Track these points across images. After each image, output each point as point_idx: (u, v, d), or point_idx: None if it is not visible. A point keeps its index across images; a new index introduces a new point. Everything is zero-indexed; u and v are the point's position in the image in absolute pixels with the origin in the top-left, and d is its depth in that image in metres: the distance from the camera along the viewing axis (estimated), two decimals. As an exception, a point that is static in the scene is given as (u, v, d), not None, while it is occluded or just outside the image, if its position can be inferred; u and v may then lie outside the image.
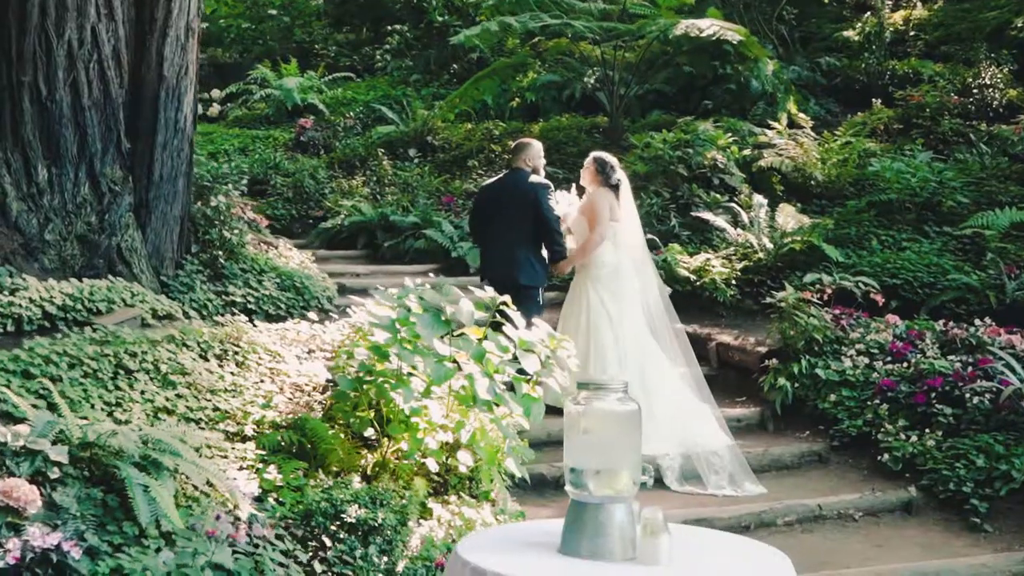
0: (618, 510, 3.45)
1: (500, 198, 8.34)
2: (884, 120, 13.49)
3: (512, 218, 8.16)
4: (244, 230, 8.80)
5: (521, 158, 8.34)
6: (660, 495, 7.10)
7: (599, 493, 3.45)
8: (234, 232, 8.67)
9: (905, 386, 7.74)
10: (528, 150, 8.40)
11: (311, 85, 17.73)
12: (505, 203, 8.25)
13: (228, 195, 8.92)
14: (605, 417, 3.49)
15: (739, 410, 8.44)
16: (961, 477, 6.94)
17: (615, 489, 3.46)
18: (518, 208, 8.12)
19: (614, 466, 3.48)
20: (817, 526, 6.79)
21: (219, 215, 8.66)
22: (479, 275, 8.67)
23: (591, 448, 3.49)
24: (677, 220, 10.97)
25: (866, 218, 10.74)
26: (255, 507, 5.17)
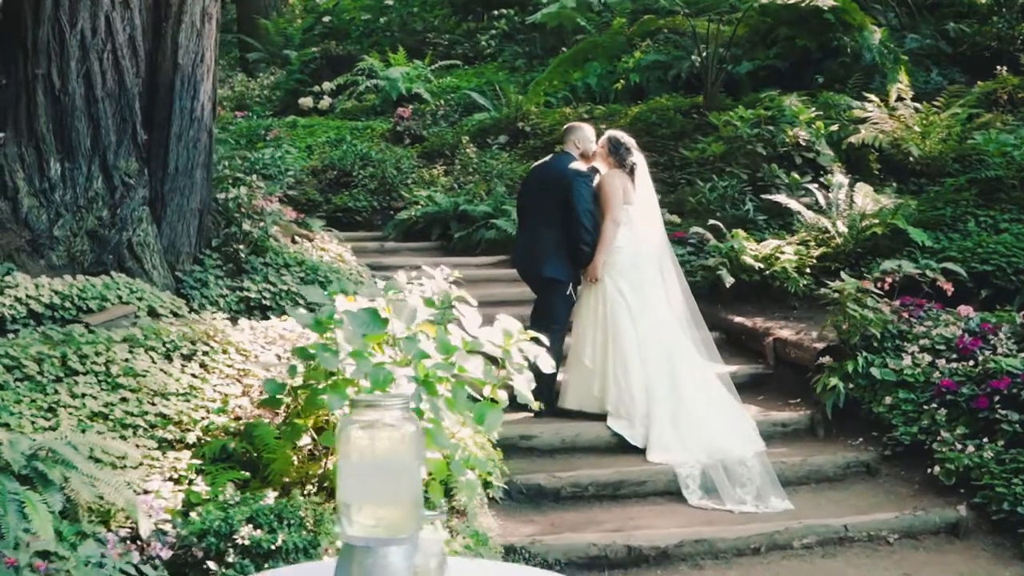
0: (393, 554, 2.84)
1: (538, 182, 7.78)
2: (1008, 89, 12.18)
3: (545, 205, 7.59)
4: (268, 222, 8.43)
5: (570, 141, 7.76)
6: (671, 509, 6.46)
7: (368, 533, 2.85)
8: (257, 225, 8.33)
9: (968, 388, 6.78)
10: (577, 133, 7.82)
11: (418, 74, 17.40)
12: (541, 188, 7.69)
13: (251, 186, 8.57)
14: (379, 440, 2.88)
15: (787, 413, 7.61)
16: (1018, 495, 5.99)
17: (389, 528, 2.85)
18: (552, 195, 7.54)
19: (389, 500, 2.86)
20: (842, 550, 5.96)
21: (239, 207, 8.33)
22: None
23: (362, 478, 2.89)
24: (753, 204, 10.09)
25: (965, 197, 9.62)
26: (171, 523, 4.79)
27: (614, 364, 7.25)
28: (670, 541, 5.80)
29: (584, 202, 7.35)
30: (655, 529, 6.00)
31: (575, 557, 5.71)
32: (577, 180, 7.37)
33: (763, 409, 7.73)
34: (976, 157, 10.26)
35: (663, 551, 5.77)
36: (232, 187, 8.52)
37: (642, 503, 6.54)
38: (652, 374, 7.22)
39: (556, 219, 7.42)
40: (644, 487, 6.62)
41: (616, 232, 7.36)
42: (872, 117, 10.72)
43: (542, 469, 6.79)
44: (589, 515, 6.31)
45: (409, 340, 5.17)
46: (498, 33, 18.68)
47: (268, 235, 8.45)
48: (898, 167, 10.72)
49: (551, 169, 7.65)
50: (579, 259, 7.42)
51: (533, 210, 7.65)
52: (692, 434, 6.95)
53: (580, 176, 7.40)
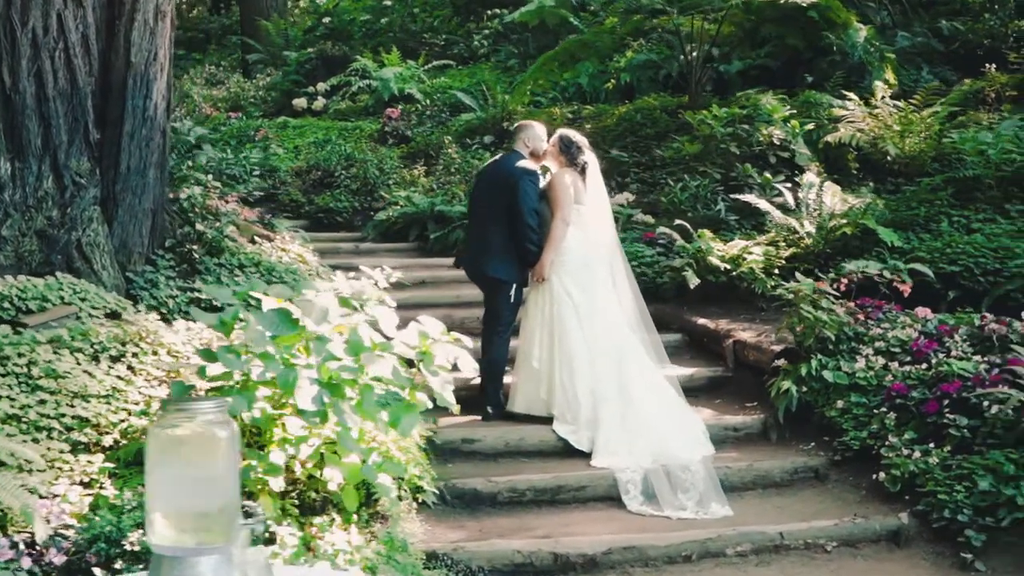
0: (203, 564, 2.72)
1: (487, 181, 7.67)
2: (995, 87, 11.96)
3: (492, 204, 7.48)
4: (224, 223, 8.33)
5: (520, 139, 7.63)
6: (610, 515, 6.33)
7: (176, 542, 2.73)
8: (212, 226, 8.23)
9: (919, 392, 6.61)
10: (526, 131, 7.69)
11: (411, 75, 17.32)
12: (489, 187, 7.57)
13: (206, 186, 8.48)
14: (187, 446, 2.76)
15: (740, 417, 7.45)
16: (959, 502, 5.81)
17: (201, 537, 2.73)
18: (499, 194, 7.42)
19: (198, 508, 2.74)
20: (777, 558, 5.79)
21: (193, 207, 8.24)
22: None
23: (169, 485, 2.77)
24: (725, 204, 9.92)
25: (941, 196, 9.42)
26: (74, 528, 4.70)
27: (560, 366, 7.12)
28: (598, 549, 5.66)
29: (530, 201, 7.22)
30: (587, 536, 5.85)
31: (500, 564, 5.58)
32: (523, 179, 7.24)
33: (718, 413, 7.57)
34: (956, 156, 10.05)
35: (591, 559, 5.63)
36: (187, 187, 8.42)
37: (581, 509, 6.40)
38: (600, 377, 7.08)
39: (503, 218, 7.30)
40: (584, 492, 6.47)
41: (565, 231, 7.23)
42: (849, 116, 10.52)
43: (484, 473, 6.65)
44: (524, 521, 6.17)
45: (319, 341, 5.05)
46: (491, 33, 18.56)
47: (224, 235, 8.35)
48: (877, 166, 10.54)
49: (499, 168, 7.54)
50: (526, 259, 7.28)
51: (481, 209, 7.54)
52: (640, 438, 6.81)
53: (527, 175, 7.27)
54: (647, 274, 9.32)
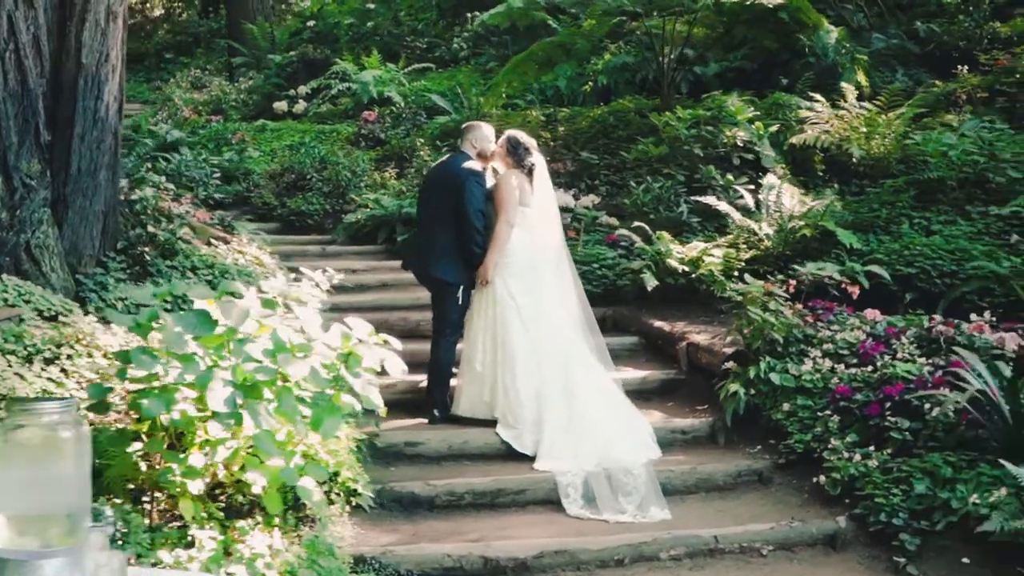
0: (49, 567, 2.67)
1: (434, 182, 7.63)
2: (967, 89, 11.89)
3: (438, 206, 7.44)
4: (177, 224, 8.30)
5: (467, 140, 7.59)
6: (549, 519, 6.28)
7: (18, 545, 2.67)
8: (164, 228, 8.19)
9: (863, 394, 6.55)
10: (474, 132, 7.65)
11: (391, 77, 17.26)
12: (436, 188, 7.53)
13: (158, 187, 8.44)
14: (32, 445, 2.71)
15: (689, 420, 7.39)
16: (895, 506, 5.76)
17: (46, 540, 2.68)
18: (445, 195, 7.38)
19: (45, 509, 2.68)
20: (711, 562, 5.74)
21: (145, 209, 8.20)
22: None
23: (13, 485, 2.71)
24: (688, 206, 9.87)
25: (903, 198, 9.36)
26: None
27: (503, 369, 7.07)
28: (529, 552, 5.60)
29: (476, 202, 7.18)
30: (520, 539, 5.79)
31: (429, 569, 5.53)
32: (469, 180, 7.20)
33: (668, 415, 7.52)
34: (920, 159, 9.99)
35: (522, 563, 5.58)
36: (138, 189, 8.38)
37: (521, 512, 6.34)
38: (545, 379, 7.03)
39: (449, 220, 7.26)
40: (524, 496, 6.42)
41: (510, 233, 7.18)
42: (812, 117, 10.47)
43: (427, 476, 6.60)
44: (460, 525, 6.12)
45: (239, 342, 5.01)
46: (471, 36, 18.52)
47: (177, 238, 8.31)
48: (843, 168, 10.48)
49: (446, 169, 7.50)
50: (471, 261, 7.24)
51: (428, 211, 7.50)
52: (585, 441, 6.76)
53: (473, 176, 7.23)
54: (608, 276, 9.28)
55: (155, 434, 5.05)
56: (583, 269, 9.33)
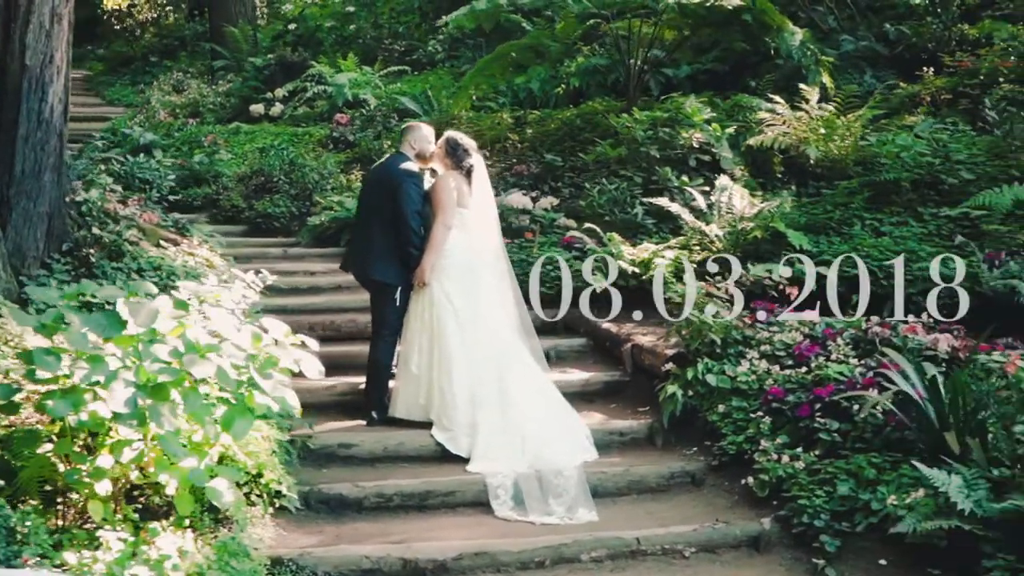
0: None
1: (372, 183, 7.62)
2: (931, 91, 11.86)
3: (375, 207, 7.43)
4: (124, 226, 8.28)
5: (406, 141, 7.58)
6: (478, 520, 6.30)
7: None
8: (109, 230, 8.18)
9: (795, 396, 6.53)
10: (413, 133, 7.63)
11: (366, 80, 17.24)
12: (374, 189, 7.52)
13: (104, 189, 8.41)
14: None
15: (628, 422, 7.37)
16: (818, 507, 5.74)
17: None
18: (383, 196, 7.37)
19: None
20: (633, 564, 5.72)
21: (90, 211, 8.19)
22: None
23: None
24: (643, 208, 9.84)
25: (857, 200, 9.34)
26: None
27: (438, 372, 7.05)
28: (449, 554, 5.58)
29: (412, 203, 7.16)
30: (443, 541, 5.77)
31: (347, 571, 5.50)
32: (406, 181, 7.18)
33: (609, 417, 7.51)
34: (878, 160, 9.95)
35: (441, 564, 5.55)
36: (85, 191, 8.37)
37: (450, 514, 6.32)
38: (481, 382, 7.00)
39: (387, 221, 7.24)
40: (453, 498, 6.40)
41: (447, 235, 7.16)
42: (769, 119, 10.44)
43: (359, 478, 6.57)
44: (387, 527, 6.10)
45: (147, 343, 4.99)
46: (447, 39, 18.51)
47: (123, 239, 8.30)
48: (801, 169, 10.45)
49: (383, 170, 7.49)
50: (409, 262, 7.22)
51: (366, 212, 7.50)
52: (519, 444, 6.75)
53: (409, 177, 7.21)
54: (560, 278, 9.22)
55: (67, 435, 5.03)
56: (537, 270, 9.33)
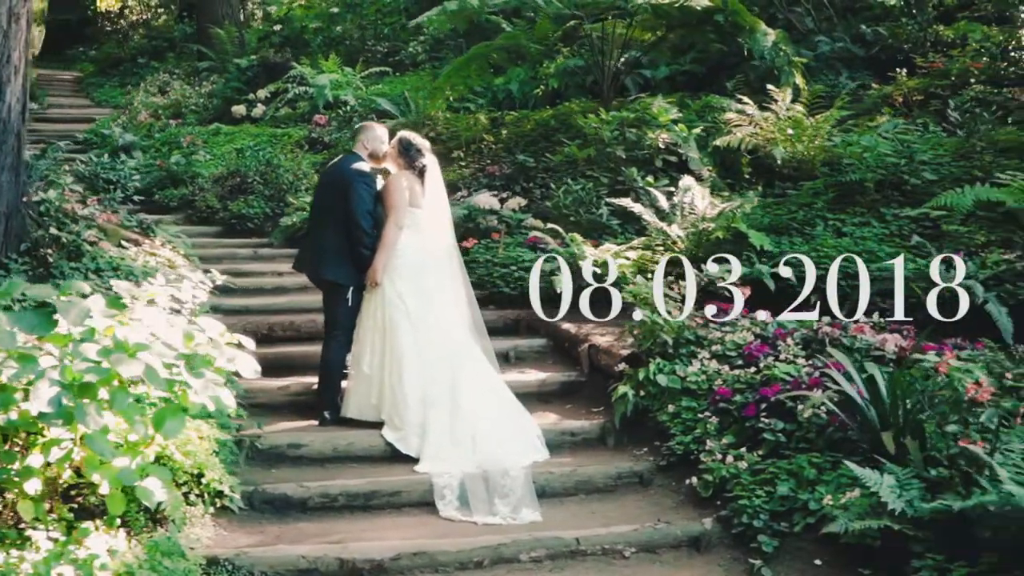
0: None
1: (325, 183, 7.62)
2: (903, 92, 11.85)
3: (327, 206, 7.43)
4: (83, 226, 8.28)
5: (359, 141, 7.57)
6: (422, 520, 6.28)
7: None
8: (68, 230, 8.17)
9: (742, 396, 6.52)
10: (366, 133, 7.63)
11: (347, 81, 17.24)
12: (327, 189, 7.52)
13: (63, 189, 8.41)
14: None
15: (580, 422, 7.36)
16: (757, 507, 5.73)
17: None
18: (335, 196, 7.37)
19: None
20: (573, 564, 5.69)
21: (49, 211, 8.18)
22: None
23: None
24: (608, 208, 9.83)
25: (821, 200, 9.33)
26: None
27: (390, 372, 7.04)
28: (386, 554, 5.56)
29: (363, 203, 7.15)
30: (382, 541, 5.75)
31: (283, 571, 5.48)
32: (357, 181, 7.18)
33: (563, 417, 7.50)
34: (846, 161, 9.94)
35: (379, 564, 5.53)
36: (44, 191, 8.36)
37: (396, 514, 6.30)
38: (432, 382, 6.99)
39: (339, 221, 7.24)
40: (399, 498, 6.38)
41: (398, 235, 7.15)
42: (735, 120, 10.43)
43: (307, 478, 6.55)
44: (330, 527, 6.08)
45: (78, 342, 4.98)
46: (428, 40, 18.50)
47: (82, 239, 8.29)
48: (769, 170, 10.44)
49: (336, 170, 7.49)
50: (360, 262, 7.21)
51: (319, 211, 7.50)
52: (469, 444, 6.73)
53: (361, 177, 7.21)
54: (524, 278, 9.22)
55: (-2, 434, 5.02)
56: (502, 271, 9.34)
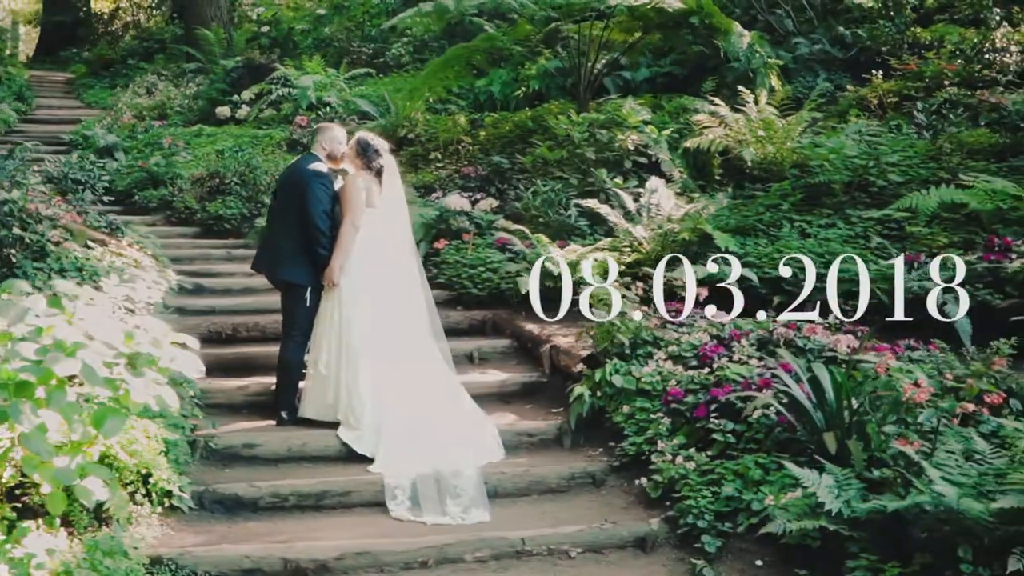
0: None
1: (283, 184, 7.63)
2: (878, 94, 11.86)
3: (285, 207, 7.44)
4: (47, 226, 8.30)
5: (317, 142, 7.58)
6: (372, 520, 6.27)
7: None
8: (31, 230, 8.18)
9: (693, 397, 6.53)
10: (324, 133, 7.64)
11: (330, 83, 17.24)
12: (285, 190, 7.53)
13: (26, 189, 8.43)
14: None
15: (537, 423, 7.37)
16: (703, 508, 5.73)
17: None
18: (292, 197, 7.38)
19: None
20: (518, 564, 5.70)
21: (12, 212, 8.19)
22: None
23: None
24: (577, 210, 9.83)
25: (790, 201, 9.34)
26: None
27: (347, 372, 7.05)
28: (330, 554, 5.56)
29: (320, 204, 7.16)
30: (327, 541, 5.76)
31: (228, 570, 5.48)
32: (313, 181, 7.18)
33: (521, 418, 7.50)
34: (816, 163, 9.94)
35: (323, 564, 5.53)
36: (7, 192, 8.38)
37: (347, 514, 6.31)
38: (388, 383, 7.00)
39: (296, 221, 7.25)
40: (349, 498, 6.38)
41: (355, 236, 7.16)
42: (704, 121, 10.44)
43: (261, 478, 6.55)
44: (279, 527, 6.08)
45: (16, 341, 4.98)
46: (411, 41, 18.52)
47: (46, 239, 8.30)
48: (740, 172, 10.45)
49: (293, 171, 7.50)
50: (318, 263, 7.22)
51: (276, 212, 7.51)
52: (424, 445, 6.72)
53: (317, 177, 7.21)
54: (492, 279, 9.24)
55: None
56: (470, 272, 9.35)
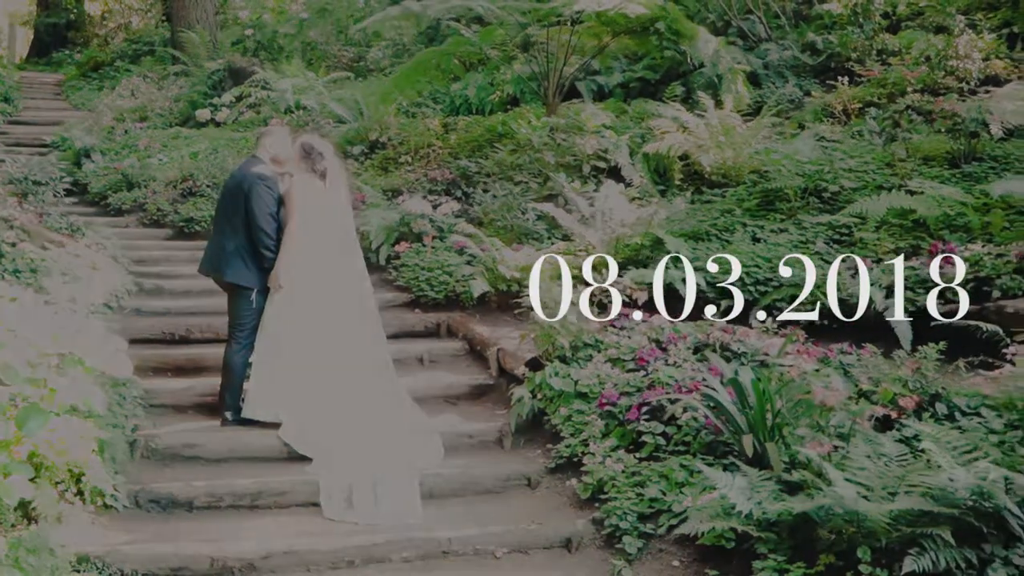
0: None
1: (228, 186, 7.68)
2: (843, 100, 11.93)
3: (228, 209, 7.49)
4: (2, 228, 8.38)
5: (262, 145, 7.65)
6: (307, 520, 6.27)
7: None
8: (-17, 231, 8.28)
9: (626, 399, 6.59)
10: (268, 137, 7.72)
11: (309, 86, 17.31)
12: (229, 192, 7.58)
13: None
14: None
15: (479, 424, 7.43)
16: (627, 509, 5.80)
17: None
18: (235, 199, 7.43)
19: None
20: (442, 564, 5.77)
21: (-32, 212, 8.29)
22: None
23: None
24: (535, 213, 9.91)
25: (745, 206, 9.42)
26: None
27: (288, 373, 7.11)
28: (258, 553, 5.63)
29: (263, 207, 7.22)
30: (255, 540, 5.82)
31: (155, 568, 5.54)
32: (257, 184, 7.24)
33: (464, 420, 7.56)
34: (776, 168, 10.01)
35: (250, 563, 5.60)
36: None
37: (283, 514, 6.36)
38: (331, 385, 7.07)
39: (240, 223, 7.31)
40: (286, 498, 6.44)
41: (300, 238, 7.22)
42: (663, 126, 10.51)
43: (199, 478, 6.61)
44: (212, 526, 6.13)
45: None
46: (390, 45, 18.59)
47: (1, 239, 8.37)
48: (699, 176, 10.52)
49: (237, 173, 7.56)
50: (263, 265, 7.28)
51: (221, 215, 7.56)
52: (364, 446, 6.79)
53: (261, 180, 7.27)
54: (449, 283, 9.31)
55: None
56: (427, 275, 9.42)
